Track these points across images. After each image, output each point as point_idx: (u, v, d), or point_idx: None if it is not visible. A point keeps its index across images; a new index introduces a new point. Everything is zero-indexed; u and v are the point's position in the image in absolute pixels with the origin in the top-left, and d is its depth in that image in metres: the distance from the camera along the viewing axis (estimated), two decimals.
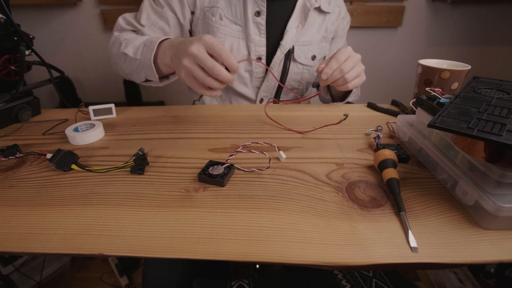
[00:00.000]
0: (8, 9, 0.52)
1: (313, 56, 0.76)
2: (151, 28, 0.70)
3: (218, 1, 0.68)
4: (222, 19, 0.69)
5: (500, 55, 1.57)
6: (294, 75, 0.77)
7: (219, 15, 0.69)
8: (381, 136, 0.48)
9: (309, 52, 0.75)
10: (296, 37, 0.72)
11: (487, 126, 0.30)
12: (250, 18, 0.68)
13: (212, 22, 0.69)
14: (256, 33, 0.70)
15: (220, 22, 0.69)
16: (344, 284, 0.50)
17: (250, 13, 0.68)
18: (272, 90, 0.78)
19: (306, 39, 0.74)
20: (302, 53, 0.74)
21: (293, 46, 0.72)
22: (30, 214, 0.35)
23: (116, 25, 0.71)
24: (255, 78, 0.75)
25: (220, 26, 0.69)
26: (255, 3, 0.68)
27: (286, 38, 0.71)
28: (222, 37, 0.70)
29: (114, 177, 0.42)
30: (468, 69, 0.57)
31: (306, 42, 0.74)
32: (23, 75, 0.57)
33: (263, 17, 0.68)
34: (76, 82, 1.63)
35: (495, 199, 0.30)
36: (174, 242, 0.31)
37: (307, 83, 0.81)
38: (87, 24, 1.54)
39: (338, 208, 0.35)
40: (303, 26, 0.71)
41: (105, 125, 0.58)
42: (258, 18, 0.68)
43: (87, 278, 1.18)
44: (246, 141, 0.51)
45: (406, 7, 1.46)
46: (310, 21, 0.72)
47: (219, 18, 0.69)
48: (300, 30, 0.71)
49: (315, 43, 0.75)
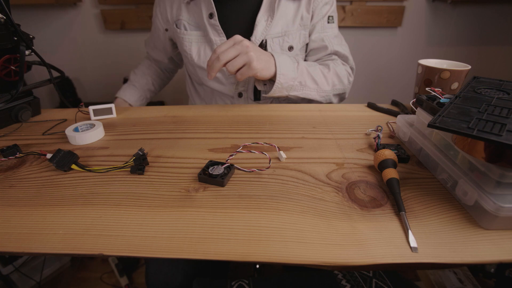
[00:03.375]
0: (8, 9, 0.52)
1: (290, 47, 0.74)
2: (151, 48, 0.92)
3: (181, 13, 0.75)
4: (186, 28, 0.75)
5: (500, 55, 1.57)
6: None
7: (183, 26, 0.75)
8: (381, 136, 0.48)
9: (285, 43, 0.74)
10: (266, 30, 0.71)
11: (487, 126, 0.30)
12: (205, 21, 0.72)
13: (178, 34, 0.76)
14: (215, 34, 0.72)
15: (184, 32, 0.75)
16: (344, 284, 0.50)
17: (205, 17, 0.72)
18: (249, 84, 0.77)
19: (280, 30, 0.72)
20: (277, 45, 0.73)
21: (266, 39, 0.72)
22: (30, 214, 0.35)
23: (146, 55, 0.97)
24: (228, 75, 0.76)
25: (184, 35, 0.75)
26: (207, 6, 0.71)
27: (256, 33, 0.71)
28: (188, 45, 0.76)
29: (114, 177, 0.42)
30: (468, 69, 0.57)
31: (280, 33, 0.72)
32: (23, 75, 0.57)
33: (215, 18, 0.70)
34: (76, 82, 1.63)
35: (495, 199, 0.30)
36: (174, 242, 0.31)
37: None
38: (87, 24, 1.54)
39: (338, 208, 0.35)
40: (273, 18, 0.71)
41: (105, 125, 0.58)
42: (212, 20, 0.71)
43: (87, 278, 1.18)
44: (246, 141, 0.51)
45: (406, 7, 1.46)
46: (281, 11, 0.71)
47: (183, 29, 0.75)
48: (270, 23, 0.71)
49: (291, 33, 0.73)
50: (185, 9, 0.74)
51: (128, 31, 1.54)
